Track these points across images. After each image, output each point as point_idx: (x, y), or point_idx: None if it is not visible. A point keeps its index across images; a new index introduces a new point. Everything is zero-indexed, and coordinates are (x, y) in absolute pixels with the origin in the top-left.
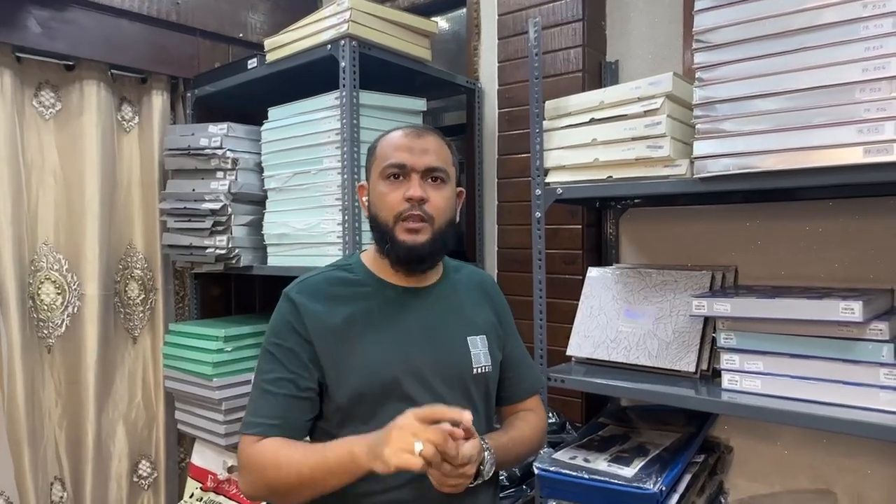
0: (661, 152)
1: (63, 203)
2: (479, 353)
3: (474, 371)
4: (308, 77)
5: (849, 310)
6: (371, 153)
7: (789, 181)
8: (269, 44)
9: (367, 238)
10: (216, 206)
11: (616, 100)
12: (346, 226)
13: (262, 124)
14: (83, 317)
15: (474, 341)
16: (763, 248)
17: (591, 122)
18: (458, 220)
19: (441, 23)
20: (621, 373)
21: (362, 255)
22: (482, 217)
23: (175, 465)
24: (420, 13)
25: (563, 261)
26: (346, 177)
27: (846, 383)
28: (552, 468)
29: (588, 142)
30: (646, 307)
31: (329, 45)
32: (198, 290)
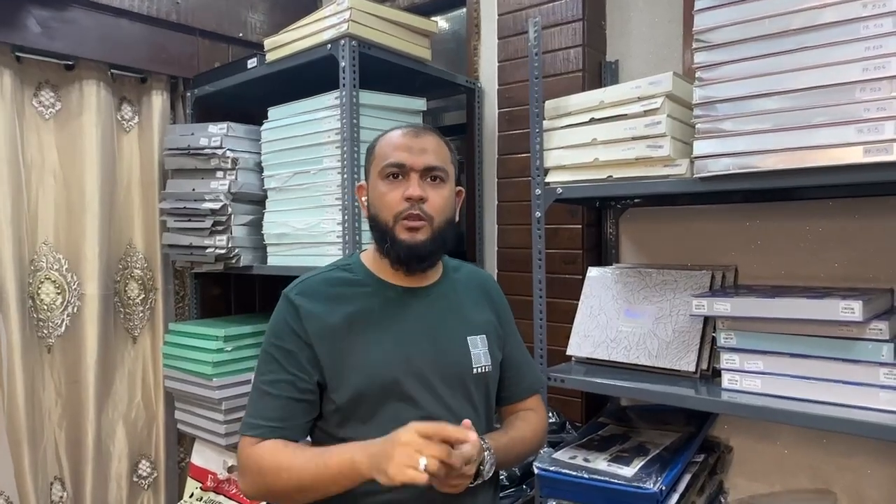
0: (661, 152)
1: (63, 203)
2: (479, 352)
3: (474, 371)
4: (308, 77)
5: (849, 309)
6: (370, 153)
7: (789, 181)
8: (268, 43)
9: (367, 238)
10: (216, 205)
11: (616, 99)
12: (346, 225)
13: (261, 124)
14: (83, 317)
15: (474, 341)
16: (763, 248)
17: (591, 121)
18: (458, 219)
19: (441, 22)
20: (621, 372)
21: (362, 255)
22: (482, 217)
23: (175, 465)
24: (420, 13)
25: (563, 260)
26: (346, 176)
27: (846, 383)
28: (552, 468)
29: (588, 141)
30: (646, 307)
31: (329, 45)
32: (198, 290)
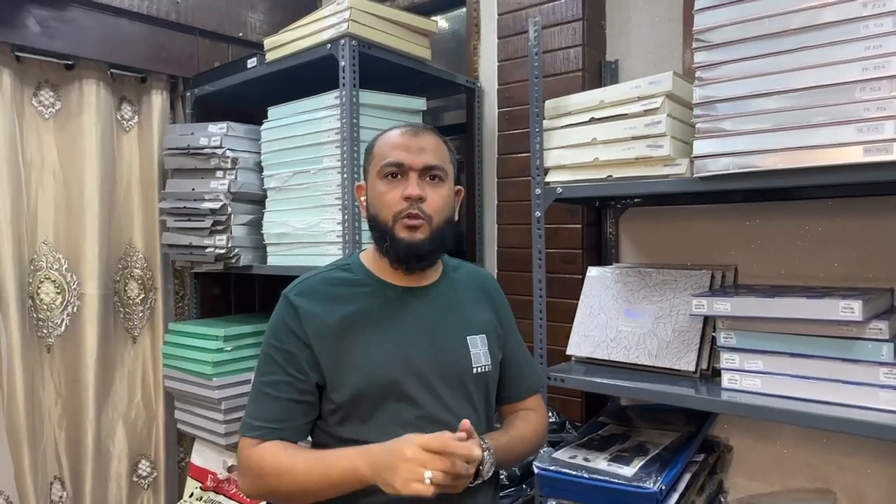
0: (661, 151)
1: (63, 202)
2: (479, 352)
3: (474, 370)
4: (308, 76)
5: (848, 309)
6: (368, 153)
7: (789, 180)
8: (268, 43)
9: (367, 238)
10: (216, 205)
11: (616, 99)
12: (346, 225)
13: (261, 124)
14: (83, 316)
15: (474, 341)
16: (763, 248)
17: (591, 121)
18: (458, 219)
19: (441, 22)
20: (621, 372)
21: (361, 254)
22: (482, 216)
23: (175, 465)
24: (420, 12)
25: (563, 260)
26: (345, 176)
27: (846, 382)
28: (552, 467)
29: (588, 141)
30: (646, 306)
31: (329, 45)
32: (197, 290)
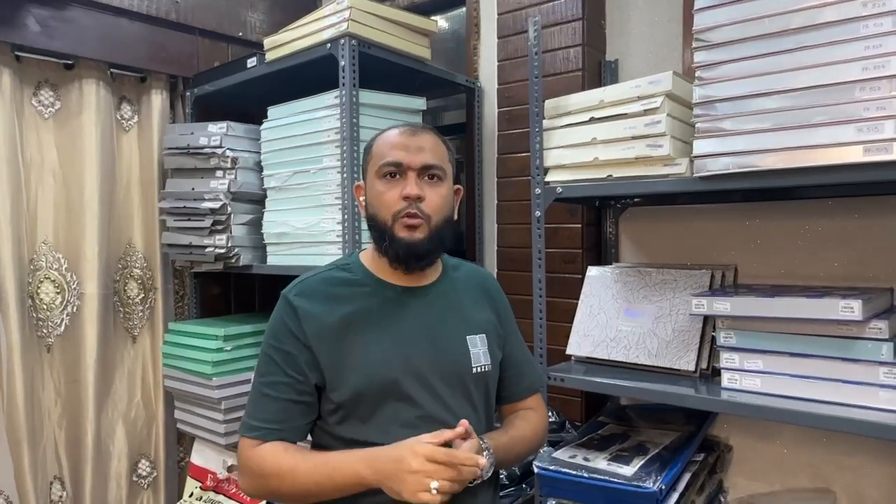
0: (661, 151)
1: (62, 202)
2: (479, 352)
3: (474, 370)
4: (308, 76)
5: (848, 308)
6: (367, 152)
7: (789, 180)
8: (268, 43)
9: (367, 237)
10: (216, 205)
11: (616, 99)
12: (346, 225)
13: (261, 123)
14: (82, 316)
15: (473, 340)
16: (763, 247)
17: (591, 121)
18: (457, 218)
19: (440, 22)
20: (621, 372)
21: (361, 254)
22: (482, 216)
23: (175, 465)
24: (420, 12)
25: (563, 260)
26: (345, 176)
27: (846, 382)
28: (552, 467)
29: (588, 141)
30: (645, 306)
31: (329, 44)
32: (197, 290)
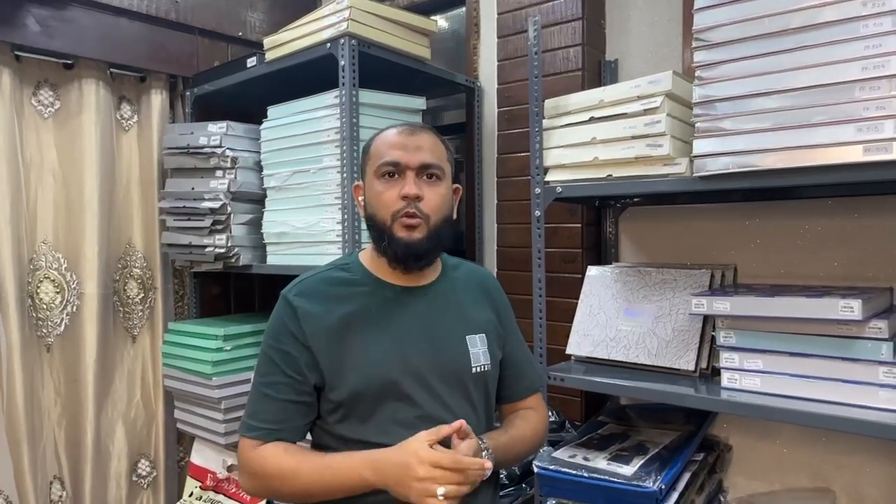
0: (661, 151)
1: (62, 202)
2: (478, 351)
3: (473, 370)
4: (307, 76)
5: (848, 308)
6: (365, 152)
7: (789, 180)
8: (268, 42)
9: (367, 237)
10: (215, 204)
11: (615, 98)
12: (346, 224)
13: (261, 123)
14: (82, 316)
15: (473, 340)
16: (762, 247)
17: (591, 120)
18: (457, 217)
19: (440, 21)
20: (621, 371)
21: (360, 254)
22: (482, 216)
23: (174, 464)
24: (419, 12)
25: (563, 259)
26: (345, 175)
27: (845, 381)
28: (551, 466)
29: (588, 140)
30: (645, 306)
31: (329, 44)
32: (197, 289)
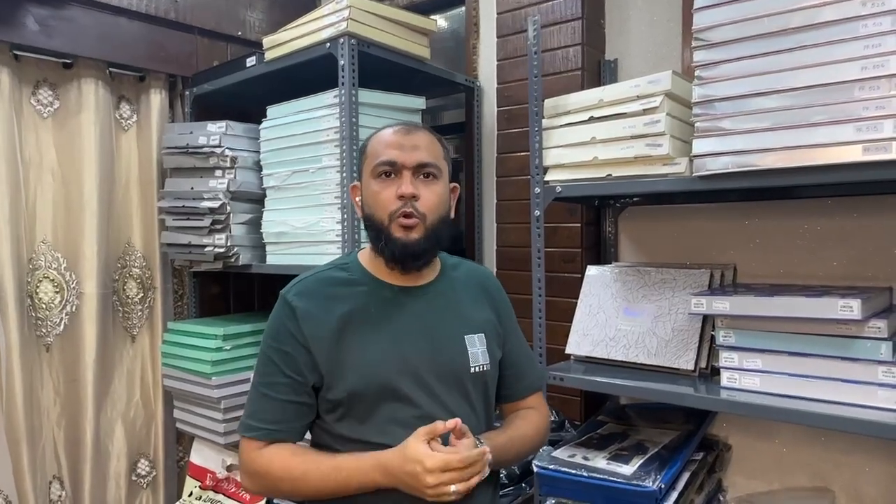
0: (661, 150)
1: (61, 201)
2: (477, 351)
3: (472, 370)
4: (307, 75)
5: (847, 308)
6: (362, 152)
7: (788, 179)
8: (267, 42)
9: (366, 236)
10: (215, 204)
11: (615, 98)
12: (346, 224)
13: (260, 122)
14: (81, 315)
15: (472, 340)
16: (762, 247)
17: (591, 120)
18: (455, 217)
19: (440, 21)
20: (620, 371)
21: (359, 254)
22: (481, 215)
23: (174, 464)
24: (419, 11)
25: (562, 259)
26: (345, 175)
27: (845, 381)
28: (551, 466)
29: (587, 140)
30: (645, 305)
31: (328, 44)
32: (196, 289)
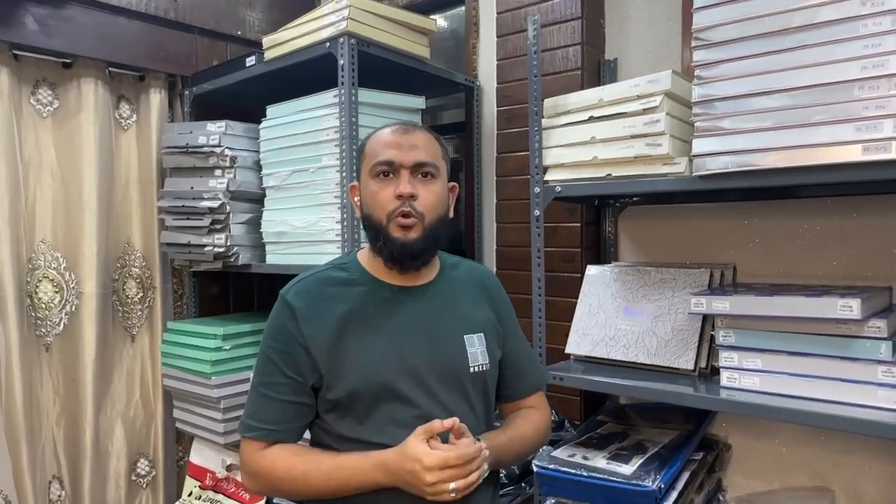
0: (660, 150)
1: (61, 201)
2: (477, 351)
3: (471, 370)
4: (307, 75)
5: (847, 307)
6: (360, 152)
7: (788, 179)
8: (267, 41)
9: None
10: (214, 204)
11: (615, 98)
12: (345, 224)
13: (260, 122)
14: (81, 315)
15: (471, 339)
16: (762, 246)
17: (590, 119)
18: (454, 216)
19: (440, 21)
20: (620, 370)
21: (359, 253)
22: (481, 215)
23: (173, 464)
24: (419, 11)
25: (562, 259)
26: (344, 175)
27: (844, 381)
28: (551, 466)
29: (587, 140)
30: (644, 305)
31: (328, 43)
32: (196, 289)
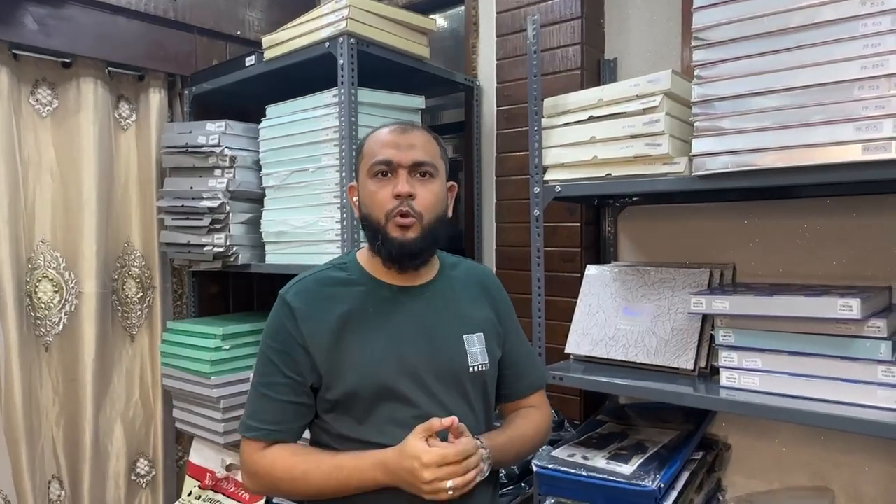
0: (660, 150)
1: (60, 201)
2: (476, 351)
3: (470, 369)
4: (306, 75)
5: (847, 307)
6: (358, 152)
7: (788, 179)
8: (267, 41)
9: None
10: (214, 203)
11: (615, 97)
12: (345, 223)
13: (260, 122)
14: (81, 315)
15: (471, 339)
16: (761, 246)
17: (590, 119)
18: (453, 215)
19: (439, 20)
20: (620, 370)
21: (358, 253)
22: (480, 215)
23: (173, 464)
24: (418, 11)
25: (562, 259)
26: (344, 174)
27: (844, 380)
28: (550, 465)
29: (587, 139)
30: (644, 305)
31: (327, 43)
32: (196, 288)
